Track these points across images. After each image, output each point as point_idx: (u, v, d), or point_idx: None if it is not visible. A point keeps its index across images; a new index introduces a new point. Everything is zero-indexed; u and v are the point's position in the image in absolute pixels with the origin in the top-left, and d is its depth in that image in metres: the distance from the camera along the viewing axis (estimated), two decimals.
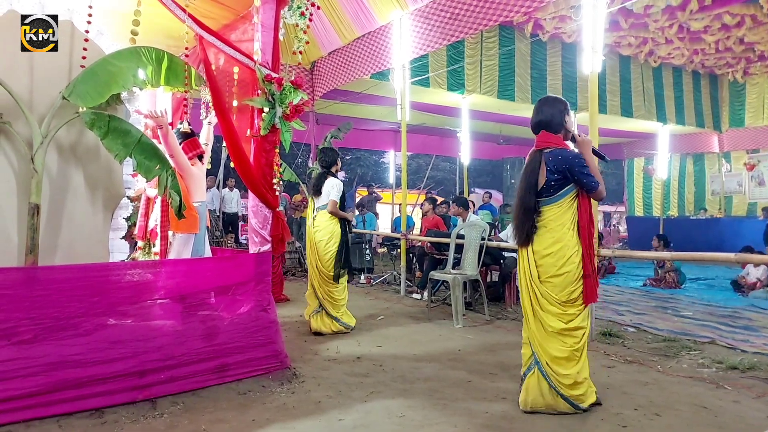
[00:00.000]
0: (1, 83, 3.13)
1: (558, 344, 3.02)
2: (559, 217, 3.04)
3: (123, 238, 4.04)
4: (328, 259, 5.04)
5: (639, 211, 16.69)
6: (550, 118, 3.14)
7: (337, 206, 5.08)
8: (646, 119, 12.27)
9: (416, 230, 10.82)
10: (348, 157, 26.02)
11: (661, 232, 11.74)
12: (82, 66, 3.42)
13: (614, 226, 16.17)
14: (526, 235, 3.09)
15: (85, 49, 3.49)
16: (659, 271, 8.56)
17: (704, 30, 10.06)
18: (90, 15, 3.52)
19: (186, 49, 5.46)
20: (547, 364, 3.03)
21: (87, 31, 3.56)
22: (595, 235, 3.30)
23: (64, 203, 3.61)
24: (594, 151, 3.27)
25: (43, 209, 3.36)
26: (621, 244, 15.26)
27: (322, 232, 5.08)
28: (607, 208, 15.70)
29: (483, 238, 5.85)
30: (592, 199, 3.11)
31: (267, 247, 5.34)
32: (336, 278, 5.06)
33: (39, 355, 2.83)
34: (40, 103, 3.47)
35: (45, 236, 3.43)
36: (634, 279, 9.31)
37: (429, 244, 7.44)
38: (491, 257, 6.40)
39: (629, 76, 11.76)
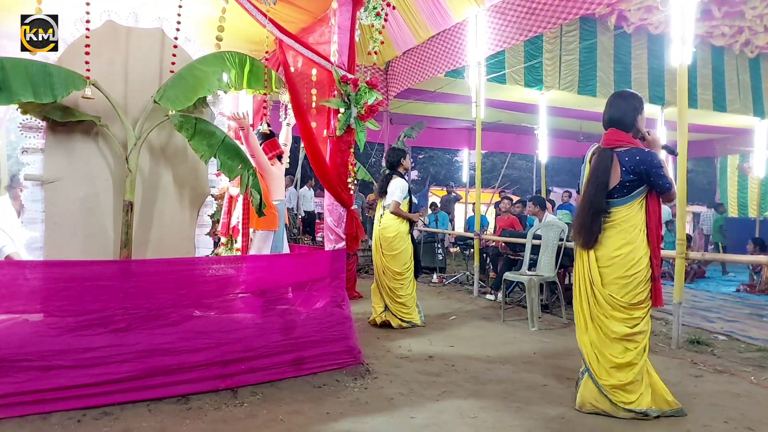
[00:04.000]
0: (99, 89, 3.38)
1: (620, 350, 2.95)
2: (630, 219, 2.96)
3: (208, 234, 4.24)
4: (395, 255, 5.15)
5: (733, 212, 15.60)
6: (621, 115, 3.05)
7: (400, 207, 5.18)
8: (741, 114, 11.47)
9: (490, 230, 10.66)
10: (421, 156, 25.99)
11: (757, 235, 10.92)
12: (172, 71, 3.63)
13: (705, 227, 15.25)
14: (594, 237, 2.98)
15: (174, 55, 3.70)
16: (755, 277, 7.97)
17: None
18: (179, 23, 3.72)
19: (266, 53, 5.65)
20: (598, 365, 2.98)
21: (176, 38, 3.77)
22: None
23: (154, 201, 3.84)
24: (664, 147, 3.17)
25: (135, 206, 3.60)
26: (712, 246, 14.33)
27: (388, 229, 5.21)
28: (697, 209, 14.82)
29: (561, 239, 5.68)
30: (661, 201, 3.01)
31: (342, 244, 5.44)
32: (416, 275, 5.19)
33: (132, 342, 3.03)
34: (133, 107, 3.71)
35: (137, 232, 3.66)
36: (726, 284, 8.72)
37: (504, 245, 7.31)
38: (569, 258, 6.19)
39: (722, 68, 11.01)
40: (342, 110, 5.30)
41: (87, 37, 3.43)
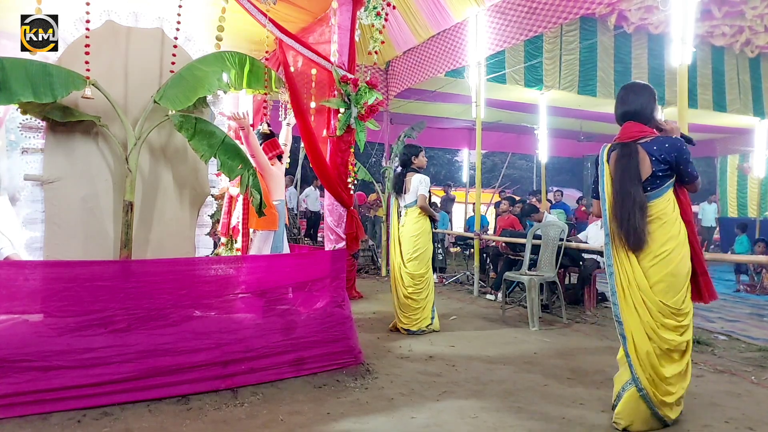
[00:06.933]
0: (99, 89, 3.37)
1: (670, 361, 2.77)
2: (668, 212, 2.78)
3: (208, 234, 4.24)
4: (418, 256, 4.96)
5: (732, 212, 15.61)
6: (640, 108, 2.91)
7: (427, 201, 4.95)
8: (742, 114, 11.47)
9: (490, 230, 10.65)
10: None
11: (757, 235, 10.90)
12: (172, 71, 3.63)
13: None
14: (645, 234, 2.74)
15: (174, 55, 3.70)
16: (755, 277, 7.97)
17: None
18: (179, 23, 3.72)
19: (267, 53, 5.65)
20: (652, 384, 2.75)
21: (176, 38, 3.77)
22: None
23: (155, 201, 3.84)
24: (682, 136, 3.04)
25: (136, 207, 3.60)
26: (712, 246, 14.33)
27: (412, 227, 4.97)
28: (697, 209, 14.80)
29: (561, 239, 5.67)
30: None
31: (342, 244, 5.44)
32: (435, 272, 4.99)
33: (132, 343, 3.03)
34: (133, 107, 3.71)
35: (138, 232, 3.66)
36: (726, 284, 8.72)
37: (504, 245, 7.30)
38: (570, 258, 6.19)
39: (722, 68, 11.01)
40: (342, 110, 5.31)
41: (87, 37, 3.43)
